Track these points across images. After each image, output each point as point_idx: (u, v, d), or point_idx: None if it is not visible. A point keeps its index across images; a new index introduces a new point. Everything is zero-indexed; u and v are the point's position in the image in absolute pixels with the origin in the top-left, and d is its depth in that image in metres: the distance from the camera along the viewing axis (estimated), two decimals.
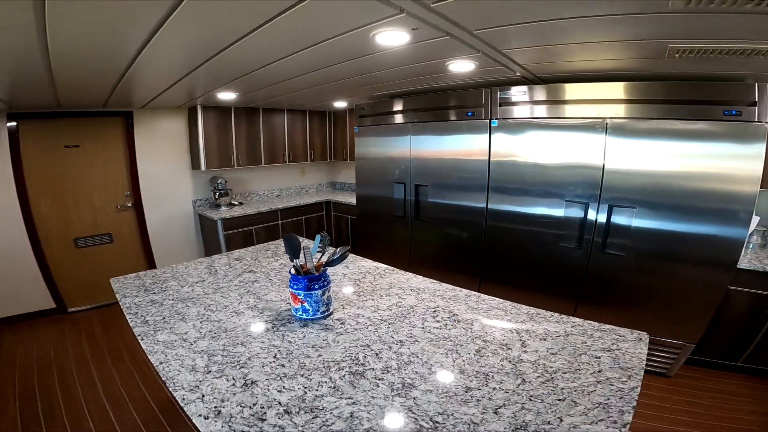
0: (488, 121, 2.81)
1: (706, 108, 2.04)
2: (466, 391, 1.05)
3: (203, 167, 4.10)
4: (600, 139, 2.35)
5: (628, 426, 0.89)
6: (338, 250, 1.59)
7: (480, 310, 1.57)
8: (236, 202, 4.51)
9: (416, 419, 0.94)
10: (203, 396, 1.06)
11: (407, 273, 2.05)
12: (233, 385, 1.11)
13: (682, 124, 2.10)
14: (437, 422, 0.93)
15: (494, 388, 1.06)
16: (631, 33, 1.55)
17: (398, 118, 3.51)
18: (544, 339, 1.32)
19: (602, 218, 2.40)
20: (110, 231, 3.98)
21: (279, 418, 0.96)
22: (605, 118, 2.33)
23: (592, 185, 2.42)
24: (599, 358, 1.19)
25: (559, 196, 2.56)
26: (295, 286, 1.49)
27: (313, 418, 0.96)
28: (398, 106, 3.50)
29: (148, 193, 4.09)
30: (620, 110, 2.29)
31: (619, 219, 2.36)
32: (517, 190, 2.77)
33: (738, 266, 2.12)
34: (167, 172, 4.20)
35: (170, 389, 1.10)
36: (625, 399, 0.99)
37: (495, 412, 0.96)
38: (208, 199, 4.50)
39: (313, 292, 1.49)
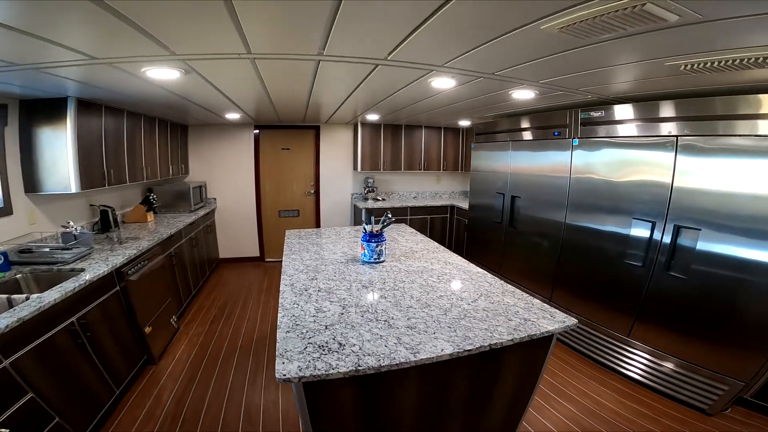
0: (570, 140, 3.03)
1: None
2: (408, 308, 1.72)
3: (359, 169, 5.51)
4: (669, 157, 2.33)
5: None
6: (389, 219, 2.42)
7: (473, 281, 2.11)
8: (380, 198, 5.79)
9: (368, 309, 1.71)
10: (291, 279, 2.10)
11: (449, 251, 2.68)
12: (307, 277, 2.12)
13: (754, 141, 1.95)
14: (376, 312, 1.67)
15: (423, 311, 1.69)
16: None
17: (502, 137, 3.97)
18: (493, 303, 1.81)
19: (667, 238, 2.35)
20: (299, 208, 5.86)
21: (313, 292, 1.90)
22: (675, 136, 2.31)
23: (659, 203, 2.40)
24: (511, 321, 1.61)
25: (628, 213, 2.60)
26: (362, 239, 2.42)
27: (327, 294, 1.86)
28: (501, 126, 3.96)
29: (324, 185, 5.79)
30: (691, 127, 2.24)
31: (685, 240, 2.28)
32: (590, 206, 2.89)
33: None
34: (337, 171, 5.83)
35: (282, 276, 2.19)
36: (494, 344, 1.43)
37: (408, 318, 1.61)
38: (361, 193, 5.93)
39: (371, 244, 2.38)
